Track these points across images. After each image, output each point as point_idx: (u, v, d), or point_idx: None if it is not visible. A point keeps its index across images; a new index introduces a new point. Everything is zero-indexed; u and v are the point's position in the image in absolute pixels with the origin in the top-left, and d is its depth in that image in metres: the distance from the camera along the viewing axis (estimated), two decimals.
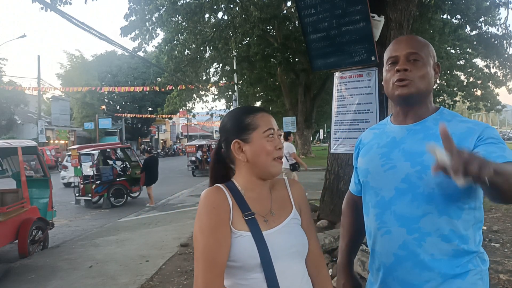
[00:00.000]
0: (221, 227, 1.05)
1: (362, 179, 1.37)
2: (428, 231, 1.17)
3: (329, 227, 4.76)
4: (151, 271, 4.40)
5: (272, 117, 1.19)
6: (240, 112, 1.19)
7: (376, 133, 1.40)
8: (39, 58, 24.31)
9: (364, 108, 4.58)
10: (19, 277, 4.46)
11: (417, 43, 1.27)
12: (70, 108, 33.08)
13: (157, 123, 44.62)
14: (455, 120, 1.24)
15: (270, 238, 1.08)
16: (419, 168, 1.18)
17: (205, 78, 15.47)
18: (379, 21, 4.37)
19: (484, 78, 18.20)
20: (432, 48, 1.30)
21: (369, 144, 1.39)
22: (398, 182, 1.22)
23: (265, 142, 1.13)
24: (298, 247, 1.13)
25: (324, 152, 20.48)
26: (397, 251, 1.21)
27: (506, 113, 28.80)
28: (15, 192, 5.82)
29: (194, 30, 11.21)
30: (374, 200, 1.30)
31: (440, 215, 1.17)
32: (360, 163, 1.39)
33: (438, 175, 0.96)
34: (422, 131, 1.24)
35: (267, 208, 1.15)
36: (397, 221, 1.21)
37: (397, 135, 1.29)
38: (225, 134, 1.18)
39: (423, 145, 1.17)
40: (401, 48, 1.26)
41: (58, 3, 6.46)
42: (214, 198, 1.09)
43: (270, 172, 1.14)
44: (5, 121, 26.40)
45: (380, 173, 1.28)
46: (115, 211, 9.32)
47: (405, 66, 1.23)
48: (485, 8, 9.92)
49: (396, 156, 1.25)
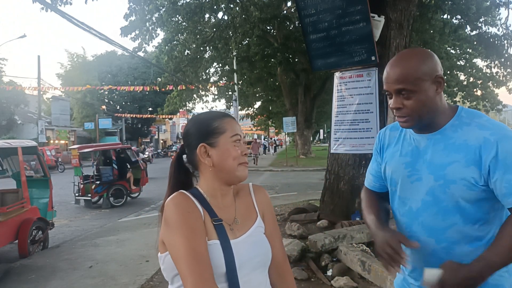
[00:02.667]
0: (201, 230, 1.02)
1: (390, 187, 1.38)
2: (455, 240, 1.21)
3: (329, 227, 4.75)
4: (151, 271, 4.40)
5: (238, 124, 1.17)
6: (206, 116, 1.16)
7: (397, 137, 1.38)
8: (39, 58, 24.31)
9: (364, 108, 4.58)
10: (19, 277, 4.45)
11: (404, 71, 1.19)
12: (70, 108, 33.07)
13: (157, 123, 44.63)
14: (474, 124, 1.21)
15: (235, 248, 1.05)
16: (441, 182, 1.20)
17: (205, 78, 15.49)
18: (379, 21, 4.37)
19: (484, 78, 18.20)
20: (431, 61, 1.21)
21: (391, 149, 1.38)
22: (423, 195, 1.24)
23: (232, 147, 1.10)
24: (262, 257, 1.12)
25: (324, 152, 20.49)
26: (428, 258, 1.25)
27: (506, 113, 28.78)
28: (15, 192, 5.82)
29: (194, 30, 11.22)
30: (402, 210, 1.32)
31: (465, 224, 1.19)
32: (387, 170, 1.38)
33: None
34: (442, 141, 1.23)
35: (232, 216, 1.13)
36: (425, 231, 1.25)
37: (420, 144, 1.28)
38: (190, 138, 1.14)
39: (444, 156, 1.20)
40: (390, 82, 1.22)
41: (59, 3, 6.46)
42: (186, 204, 1.05)
43: (236, 176, 1.11)
44: (5, 121, 26.39)
45: (407, 184, 1.29)
46: (115, 211, 9.32)
47: (397, 105, 1.22)
48: (485, 8, 9.92)
49: (421, 168, 1.26)
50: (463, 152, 1.17)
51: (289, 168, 18.70)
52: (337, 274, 3.64)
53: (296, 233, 4.65)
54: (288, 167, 18.86)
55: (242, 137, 1.15)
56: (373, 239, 1.32)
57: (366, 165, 4.67)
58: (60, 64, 37.40)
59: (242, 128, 1.58)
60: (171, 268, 1.04)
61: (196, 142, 1.11)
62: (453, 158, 1.18)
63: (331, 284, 3.52)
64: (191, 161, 1.15)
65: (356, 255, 3.61)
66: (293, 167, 18.70)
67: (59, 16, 6.65)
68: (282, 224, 5.45)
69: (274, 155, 33.40)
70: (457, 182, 1.17)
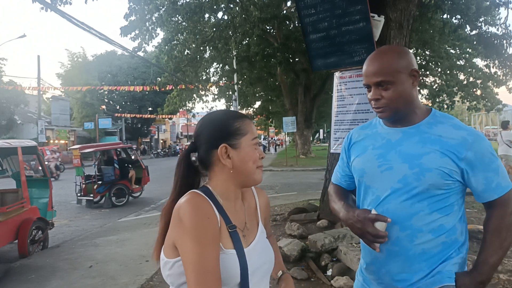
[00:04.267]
0: (217, 240, 0.98)
1: (358, 178, 1.44)
2: (419, 228, 1.27)
3: (329, 227, 4.76)
4: (151, 271, 4.40)
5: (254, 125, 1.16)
6: (224, 116, 1.11)
7: (368, 133, 1.46)
8: (39, 58, 24.30)
9: (364, 108, 4.58)
10: (19, 277, 4.45)
11: (383, 65, 1.28)
12: (70, 108, 33.06)
13: (157, 123, 44.61)
14: (449, 123, 1.30)
15: (248, 256, 1.02)
16: (417, 170, 1.26)
17: (205, 78, 15.46)
18: (379, 21, 4.37)
19: (484, 78, 18.19)
20: (406, 56, 1.30)
21: (362, 144, 1.45)
22: (394, 182, 1.30)
23: (252, 150, 1.08)
24: (269, 264, 1.12)
25: (324, 152, 20.49)
26: (391, 247, 1.30)
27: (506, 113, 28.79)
28: (15, 192, 5.82)
29: (194, 30, 11.21)
30: (369, 199, 1.38)
31: (430, 212, 1.26)
32: (356, 163, 1.45)
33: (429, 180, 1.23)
34: (417, 134, 1.31)
35: (243, 220, 1.11)
36: (391, 218, 1.29)
37: (392, 137, 1.36)
38: (206, 137, 1.09)
39: (420, 147, 1.28)
40: (369, 76, 1.31)
41: (58, 3, 6.45)
42: (205, 208, 0.99)
43: (254, 180, 1.09)
44: (5, 121, 26.39)
45: (376, 174, 1.35)
46: (115, 211, 9.32)
47: (376, 96, 1.31)
48: (485, 8, 9.91)
49: (393, 158, 1.32)
50: (439, 145, 1.25)
51: (289, 168, 18.71)
52: (337, 274, 3.64)
53: (296, 233, 4.65)
54: (288, 167, 18.87)
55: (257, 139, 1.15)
56: (344, 222, 1.37)
57: None
58: (61, 63, 37.46)
59: None
60: (178, 275, 1.01)
61: (216, 142, 1.07)
62: (429, 149, 1.26)
63: (331, 284, 3.52)
64: (204, 160, 1.10)
65: (356, 255, 3.62)
66: (293, 167, 18.70)
67: (59, 16, 6.65)
68: (282, 224, 5.45)
69: (274, 155, 33.40)
70: (433, 170, 1.24)
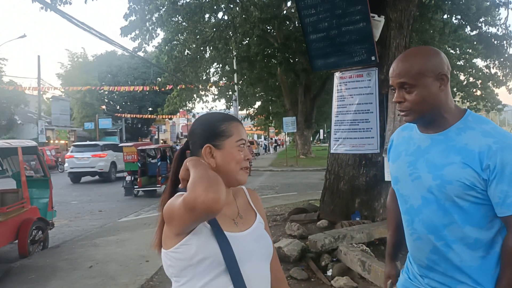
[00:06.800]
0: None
1: (393, 186, 1.43)
2: (454, 239, 1.23)
3: (329, 227, 4.75)
4: (151, 271, 4.39)
5: (244, 128, 1.20)
6: (214, 118, 1.18)
7: (405, 136, 1.42)
8: (39, 58, 24.31)
9: (364, 108, 4.58)
10: (19, 277, 4.45)
11: (406, 67, 1.24)
12: (70, 108, 33.09)
13: (157, 123, 44.59)
14: (478, 129, 1.22)
15: (242, 241, 1.08)
16: (439, 182, 1.22)
17: (205, 78, 15.45)
18: (379, 21, 4.37)
19: (484, 78, 18.18)
20: (435, 58, 1.25)
21: (398, 149, 1.43)
22: (424, 192, 1.27)
23: (236, 151, 1.12)
24: (267, 248, 1.16)
25: (324, 152, 20.47)
26: (429, 255, 1.28)
27: (506, 113, 28.78)
28: (15, 192, 5.81)
29: (194, 30, 11.21)
30: (404, 207, 1.36)
31: (464, 225, 1.21)
32: (392, 169, 1.44)
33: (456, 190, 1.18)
34: (444, 142, 1.26)
35: (235, 211, 1.17)
36: (426, 228, 1.27)
37: (422, 144, 1.32)
38: (195, 137, 1.16)
39: (444, 157, 1.23)
40: (393, 76, 1.28)
41: (58, 3, 6.45)
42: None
43: (236, 180, 1.14)
44: (5, 121, 26.40)
45: (408, 182, 1.33)
46: (115, 211, 9.32)
47: (399, 99, 1.27)
48: (485, 8, 9.91)
49: (421, 166, 1.29)
50: (461, 155, 1.20)
51: (289, 168, 18.71)
52: (337, 274, 3.64)
53: (296, 233, 4.65)
54: (288, 167, 18.87)
55: (246, 141, 1.17)
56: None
57: (366, 165, 4.70)
58: (61, 63, 37.33)
59: None
60: (179, 262, 1.05)
61: (202, 141, 1.13)
62: (451, 159, 1.21)
63: (331, 284, 3.52)
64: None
65: (356, 255, 3.61)
66: (293, 167, 18.70)
67: (59, 16, 6.65)
68: (282, 224, 5.45)
69: (274, 155, 33.40)
70: (453, 182, 1.19)
